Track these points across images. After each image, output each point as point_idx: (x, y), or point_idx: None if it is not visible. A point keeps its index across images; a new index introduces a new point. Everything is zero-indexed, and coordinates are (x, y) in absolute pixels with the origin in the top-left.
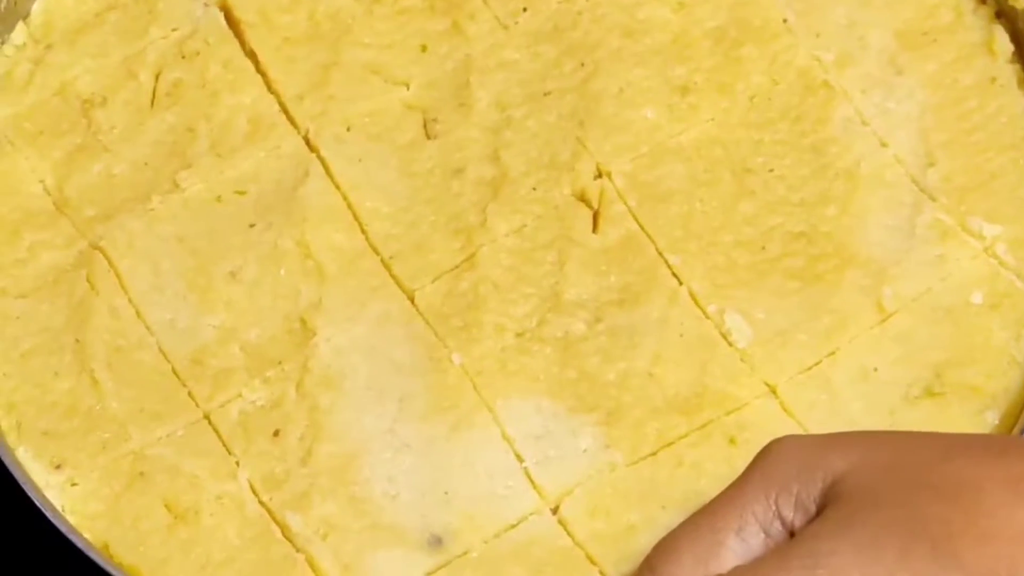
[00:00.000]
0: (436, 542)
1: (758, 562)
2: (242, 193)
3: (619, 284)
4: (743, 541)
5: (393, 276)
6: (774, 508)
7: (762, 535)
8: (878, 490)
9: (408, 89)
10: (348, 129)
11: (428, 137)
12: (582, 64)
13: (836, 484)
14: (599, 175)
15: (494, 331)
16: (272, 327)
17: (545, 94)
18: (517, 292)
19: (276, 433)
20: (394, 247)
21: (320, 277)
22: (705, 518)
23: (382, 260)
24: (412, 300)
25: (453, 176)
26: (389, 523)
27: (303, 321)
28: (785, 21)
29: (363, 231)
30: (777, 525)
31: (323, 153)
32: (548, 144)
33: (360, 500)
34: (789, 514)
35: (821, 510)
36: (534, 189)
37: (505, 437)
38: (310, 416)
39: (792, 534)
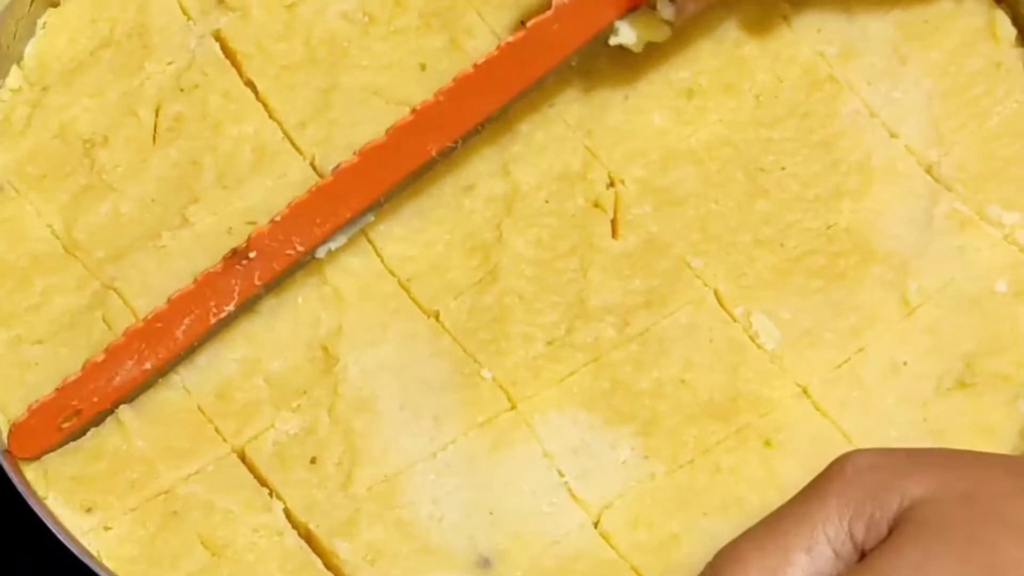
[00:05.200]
0: (484, 564)
1: None
2: (253, 224)
3: (644, 287)
4: (812, 561)
5: (412, 298)
6: (847, 530)
7: (832, 555)
8: (954, 524)
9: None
10: (354, 154)
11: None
12: (586, 74)
13: (911, 509)
14: (611, 184)
15: (523, 341)
16: (294, 356)
17: (549, 106)
18: (542, 301)
19: (313, 460)
20: (411, 269)
21: (339, 303)
22: (773, 533)
23: (399, 282)
24: (437, 318)
25: (464, 193)
26: (437, 546)
27: (325, 348)
28: (785, 18)
29: (378, 255)
30: (848, 546)
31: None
32: (558, 156)
33: (406, 524)
34: (861, 536)
35: (893, 530)
36: (547, 202)
37: (546, 454)
38: (346, 440)
39: (862, 553)
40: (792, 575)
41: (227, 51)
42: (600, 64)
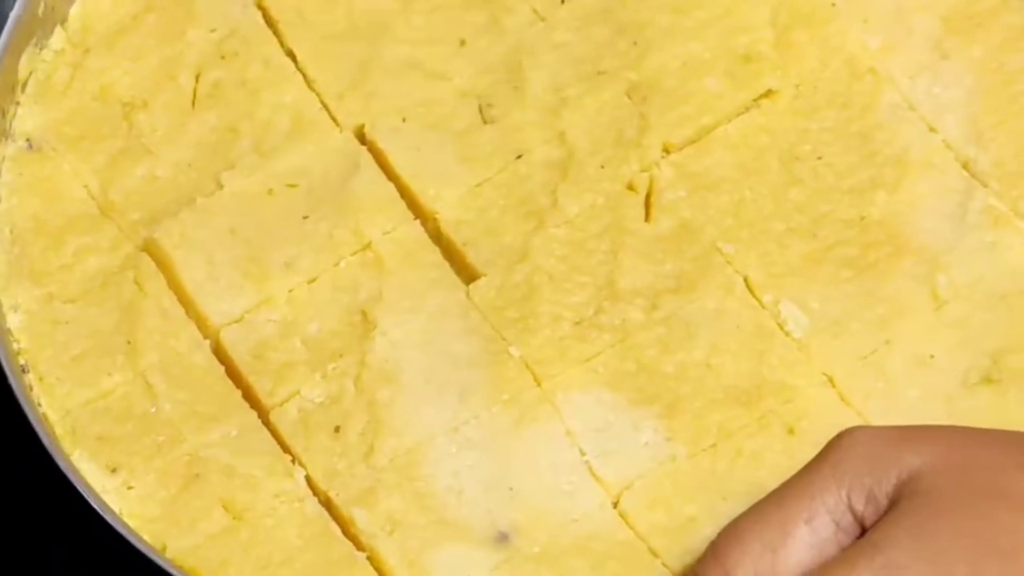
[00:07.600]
0: (502, 538)
1: (827, 568)
2: (293, 186)
3: (674, 272)
4: (813, 531)
5: (467, 263)
6: (846, 500)
7: (832, 526)
8: (951, 494)
9: (458, 79)
10: (404, 120)
11: (484, 122)
12: (635, 43)
13: (910, 481)
14: (667, 150)
15: (551, 320)
16: (332, 320)
17: (599, 73)
18: (572, 282)
19: (337, 429)
20: (466, 233)
21: (379, 269)
22: (774, 506)
23: (456, 246)
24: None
25: (517, 159)
26: (454, 519)
27: (363, 313)
28: (834, 5)
29: (433, 219)
30: (848, 517)
31: (381, 145)
32: (614, 122)
33: (425, 496)
34: (860, 507)
35: (892, 504)
36: (602, 167)
37: (568, 432)
38: (370, 411)
39: (863, 525)
40: (792, 546)
41: (269, 20)
42: (649, 32)
